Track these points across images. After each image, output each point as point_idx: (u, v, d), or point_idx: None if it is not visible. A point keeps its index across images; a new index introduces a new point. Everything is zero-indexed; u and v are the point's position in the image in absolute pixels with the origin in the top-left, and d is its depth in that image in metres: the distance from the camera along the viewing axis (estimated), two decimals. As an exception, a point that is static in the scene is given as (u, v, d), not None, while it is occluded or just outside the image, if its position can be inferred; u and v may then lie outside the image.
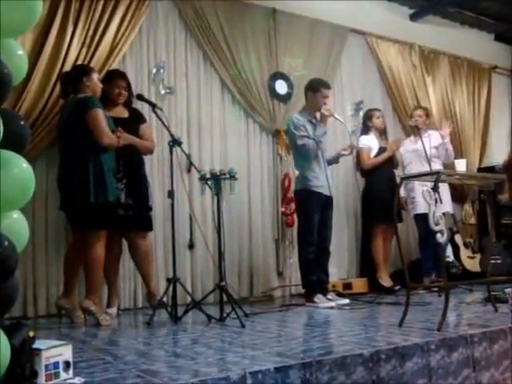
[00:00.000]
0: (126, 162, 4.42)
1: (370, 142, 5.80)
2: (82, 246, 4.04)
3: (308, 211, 4.85)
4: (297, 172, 5.12)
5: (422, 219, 5.52)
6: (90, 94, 4.11)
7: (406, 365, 2.64)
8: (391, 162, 5.82)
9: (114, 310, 4.44)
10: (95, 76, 4.23)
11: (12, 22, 1.99)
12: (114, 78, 4.56)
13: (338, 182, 6.14)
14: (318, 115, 5.01)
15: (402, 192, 5.86)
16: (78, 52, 4.72)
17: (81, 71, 4.24)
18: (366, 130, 5.87)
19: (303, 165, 4.92)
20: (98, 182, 3.94)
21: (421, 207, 5.55)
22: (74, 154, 4.02)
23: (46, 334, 3.48)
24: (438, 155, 5.78)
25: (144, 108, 4.73)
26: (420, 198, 5.47)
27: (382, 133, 5.96)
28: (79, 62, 4.67)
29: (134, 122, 4.54)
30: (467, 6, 7.38)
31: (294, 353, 2.61)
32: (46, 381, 2.09)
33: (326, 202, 4.93)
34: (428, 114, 6.09)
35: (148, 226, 4.56)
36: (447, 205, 5.83)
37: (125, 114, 4.56)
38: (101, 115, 4.01)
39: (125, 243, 4.63)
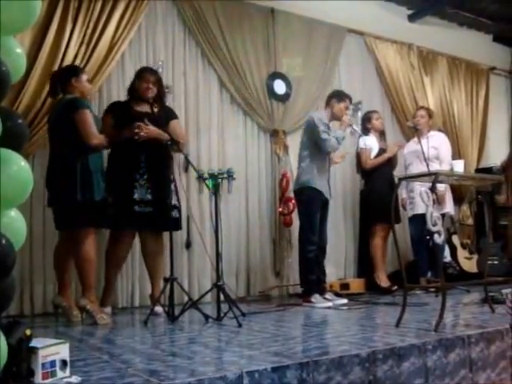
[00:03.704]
0: (149, 157, 4.40)
1: (371, 143, 5.81)
2: (70, 243, 4.07)
3: (310, 209, 4.87)
4: (298, 170, 5.11)
5: (419, 220, 5.53)
6: (78, 95, 4.12)
7: (403, 365, 2.64)
8: (390, 164, 5.84)
9: (109, 310, 4.42)
10: (84, 77, 4.23)
11: (11, 20, 1.98)
12: (144, 73, 4.58)
13: (335, 183, 6.15)
14: (331, 124, 5.06)
15: (404, 193, 5.89)
16: (76, 50, 4.72)
17: (70, 72, 4.24)
18: (365, 131, 5.87)
19: (311, 162, 4.93)
20: (85, 181, 3.96)
21: (420, 207, 5.57)
22: (61, 154, 4.04)
23: (43, 332, 3.47)
24: (438, 155, 5.77)
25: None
26: (418, 198, 5.52)
27: (381, 134, 5.98)
28: (78, 61, 4.69)
29: (163, 118, 4.52)
30: (466, 7, 7.39)
31: (291, 352, 2.61)
32: (43, 379, 2.09)
33: (325, 202, 4.99)
34: (431, 114, 6.10)
35: (166, 224, 4.37)
36: (448, 206, 5.86)
37: (154, 109, 4.56)
38: (89, 116, 4.03)
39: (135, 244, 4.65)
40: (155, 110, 4.50)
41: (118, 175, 4.35)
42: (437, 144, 5.80)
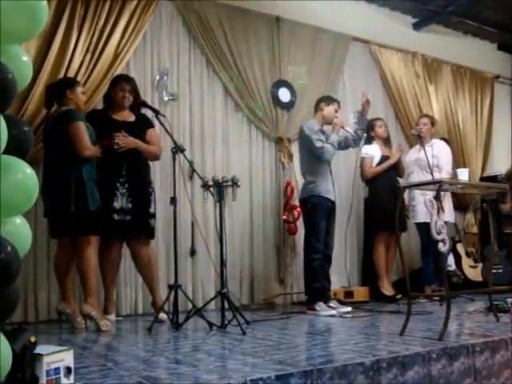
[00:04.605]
0: (130, 167, 4.41)
1: (372, 151, 5.79)
2: (70, 251, 4.10)
3: (316, 218, 4.87)
4: (302, 179, 5.12)
5: (422, 228, 5.53)
6: (72, 107, 4.15)
7: (407, 374, 2.63)
8: (396, 170, 5.82)
9: (112, 317, 4.42)
10: (79, 89, 4.26)
11: (18, 28, 2.00)
12: (119, 81, 4.56)
13: (340, 190, 6.14)
14: (325, 127, 5.08)
15: (406, 201, 5.86)
16: (82, 58, 4.75)
17: (65, 84, 4.28)
18: (369, 139, 5.85)
19: (313, 171, 4.95)
20: (79, 192, 3.99)
21: (420, 216, 5.58)
22: (55, 165, 4.07)
23: (47, 339, 3.47)
24: (438, 164, 5.75)
25: (147, 114, 4.74)
26: (419, 206, 5.52)
27: (386, 141, 5.96)
28: (83, 69, 4.72)
29: (140, 127, 4.52)
30: (470, 16, 7.40)
31: (295, 361, 2.61)
32: (47, 386, 2.09)
33: (331, 209, 4.98)
34: (433, 122, 6.09)
35: (147, 232, 4.50)
36: (448, 214, 5.83)
37: (131, 118, 4.55)
38: (82, 128, 4.06)
39: (126, 250, 4.63)
40: (132, 118, 4.52)
41: (98, 184, 4.31)
42: (437, 152, 5.78)
